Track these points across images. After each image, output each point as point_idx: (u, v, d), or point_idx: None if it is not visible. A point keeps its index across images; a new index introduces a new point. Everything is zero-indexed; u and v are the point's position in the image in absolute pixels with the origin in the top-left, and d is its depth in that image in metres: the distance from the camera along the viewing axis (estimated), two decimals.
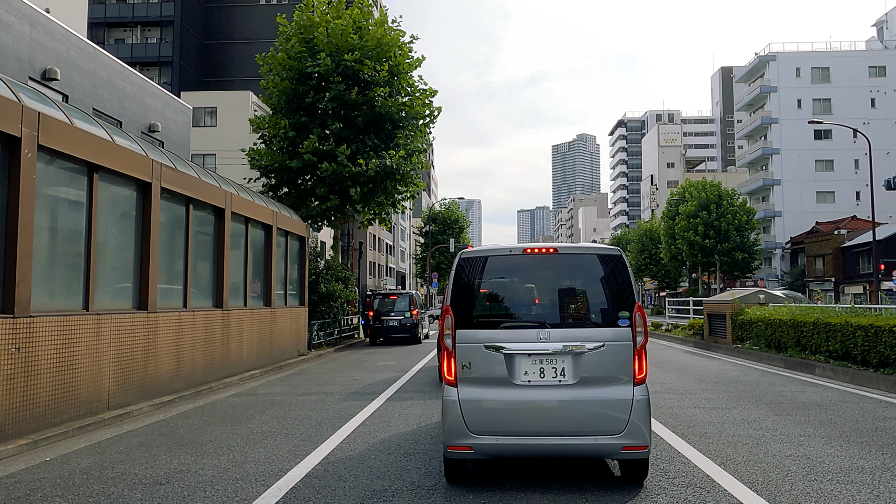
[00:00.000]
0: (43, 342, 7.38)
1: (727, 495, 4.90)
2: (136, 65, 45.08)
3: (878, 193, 42.13)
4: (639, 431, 4.82)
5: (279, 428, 7.77)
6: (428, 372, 13.72)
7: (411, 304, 23.39)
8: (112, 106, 19.59)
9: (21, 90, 7.53)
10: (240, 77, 52.20)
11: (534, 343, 4.93)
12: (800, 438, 6.86)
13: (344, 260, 29.66)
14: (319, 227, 25.36)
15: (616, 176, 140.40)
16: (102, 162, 8.61)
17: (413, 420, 8.13)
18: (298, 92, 21.01)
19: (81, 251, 8.43)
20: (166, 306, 10.43)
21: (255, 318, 14.17)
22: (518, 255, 5.32)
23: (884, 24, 70.99)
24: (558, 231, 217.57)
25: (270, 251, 15.33)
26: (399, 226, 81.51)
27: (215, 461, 6.16)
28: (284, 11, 28.38)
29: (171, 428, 7.91)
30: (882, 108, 59.73)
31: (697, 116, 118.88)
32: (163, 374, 10.02)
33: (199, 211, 11.87)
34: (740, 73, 69.71)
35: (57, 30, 17.20)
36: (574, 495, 4.93)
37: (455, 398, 4.96)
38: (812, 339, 13.55)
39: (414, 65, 21.94)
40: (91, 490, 5.27)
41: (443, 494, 4.99)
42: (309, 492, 5.13)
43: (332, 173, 20.08)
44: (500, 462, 5.85)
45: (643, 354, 4.98)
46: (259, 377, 13.22)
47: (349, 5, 22.12)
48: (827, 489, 5.05)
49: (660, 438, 6.83)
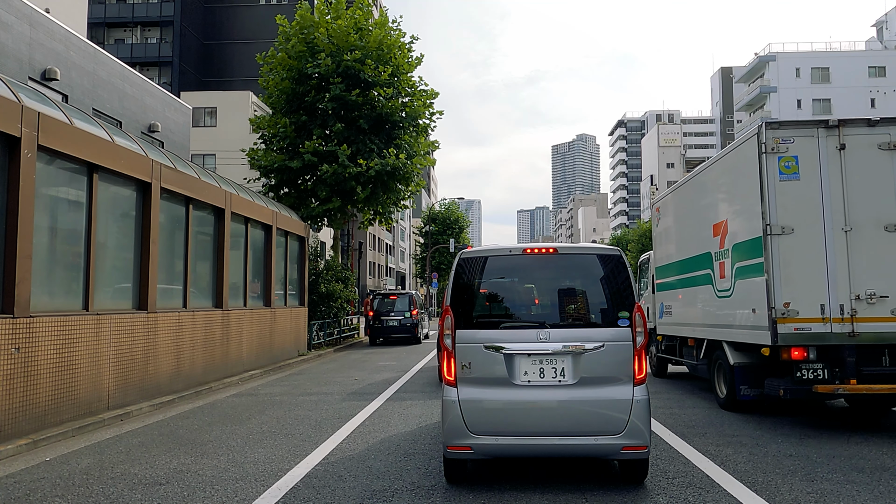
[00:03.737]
0: (43, 342, 7.38)
1: (727, 495, 4.90)
2: (136, 65, 45.11)
3: None
4: (638, 431, 4.82)
5: (279, 428, 7.77)
6: (428, 372, 13.73)
7: (411, 304, 23.40)
8: (112, 106, 19.59)
9: (21, 90, 7.53)
10: (240, 77, 52.21)
11: (534, 343, 4.93)
12: (800, 438, 6.86)
13: (344, 260, 29.68)
14: (319, 227, 25.37)
15: (616, 176, 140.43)
16: (102, 162, 8.61)
17: (413, 420, 8.13)
18: (298, 92, 21.01)
19: (81, 251, 8.43)
20: (166, 306, 10.43)
21: (254, 319, 14.17)
22: (518, 256, 5.32)
23: (883, 25, 70.99)
24: (558, 231, 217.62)
25: (270, 251, 15.33)
26: (399, 226, 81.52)
27: (215, 461, 6.16)
28: (284, 11, 28.39)
29: (171, 428, 7.91)
30: (882, 109, 59.72)
31: (697, 116, 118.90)
32: (162, 375, 10.02)
33: (199, 211, 11.87)
34: (740, 74, 69.74)
35: (57, 30, 17.20)
36: (574, 495, 4.93)
37: (455, 398, 4.96)
38: None
39: (414, 65, 21.96)
40: (91, 490, 5.27)
41: (443, 494, 4.99)
42: (309, 492, 5.13)
43: (333, 174, 20.08)
44: (500, 462, 5.85)
45: (643, 354, 4.98)
46: (259, 377, 13.22)
47: (349, 5, 22.12)
48: (827, 489, 5.05)
49: (660, 438, 6.84)
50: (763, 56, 63.35)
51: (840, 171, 7.31)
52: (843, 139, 7.36)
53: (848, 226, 7.24)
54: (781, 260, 7.30)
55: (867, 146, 7.32)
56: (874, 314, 7.11)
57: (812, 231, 7.26)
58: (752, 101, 65.25)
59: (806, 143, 7.42)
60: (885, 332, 7.09)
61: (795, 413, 8.38)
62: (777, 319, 7.22)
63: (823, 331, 7.16)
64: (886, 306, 7.11)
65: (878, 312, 7.12)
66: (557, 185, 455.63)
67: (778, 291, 7.27)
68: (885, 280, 7.14)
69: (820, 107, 60.37)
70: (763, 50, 64.70)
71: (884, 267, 7.17)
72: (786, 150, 7.39)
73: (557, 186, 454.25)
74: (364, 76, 20.57)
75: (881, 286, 7.12)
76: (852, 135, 7.39)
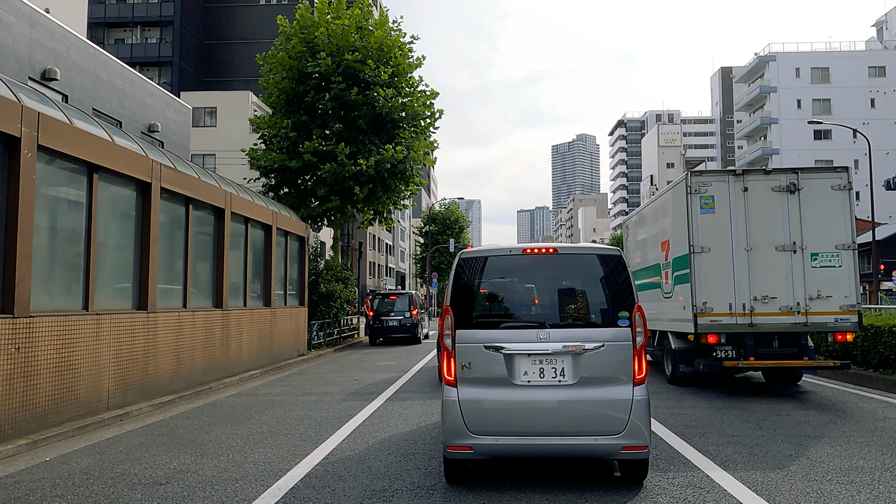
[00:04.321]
0: (42, 342, 7.38)
1: (727, 495, 4.90)
2: (136, 65, 45.08)
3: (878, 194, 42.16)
4: (638, 431, 4.82)
5: (279, 428, 7.77)
6: (428, 372, 13.73)
7: (411, 304, 23.40)
8: (112, 106, 19.59)
9: (21, 90, 7.53)
10: (240, 77, 52.22)
11: (533, 343, 4.93)
12: (800, 438, 6.86)
13: (344, 260, 29.67)
14: (319, 227, 25.35)
15: (616, 176, 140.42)
16: (102, 162, 8.61)
17: (413, 420, 8.13)
18: (298, 91, 21.01)
19: (81, 251, 8.43)
20: (166, 306, 10.43)
21: (254, 319, 14.17)
22: (518, 256, 5.32)
23: (883, 25, 71.00)
24: (558, 231, 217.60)
25: (270, 251, 15.33)
26: (399, 226, 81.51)
27: (215, 461, 6.16)
28: (284, 11, 28.40)
29: (171, 428, 7.91)
30: (882, 109, 59.75)
31: (697, 116, 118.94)
32: (162, 375, 10.02)
33: (199, 211, 11.87)
34: (740, 74, 69.73)
35: (57, 30, 17.20)
36: (574, 495, 4.93)
37: (455, 398, 4.96)
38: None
39: (414, 65, 21.97)
40: (91, 490, 5.27)
41: (442, 494, 4.99)
42: (309, 492, 5.13)
43: (333, 173, 20.08)
44: (500, 462, 5.84)
45: (643, 354, 4.98)
46: (259, 377, 13.22)
47: (350, 5, 22.12)
48: (827, 489, 5.05)
49: (660, 438, 6.84)
50: (763, 56, 63.35)
51: (744, 206, 9.88)
52: (746, 183, 9.97)
53: (749, 246, 9.80)
54: (701, 271, 9.82)
55: (764, 189, 9.95)
56: (767, 310, 9.72)
57: (723, 250, 9.80)
58: (752, 101, 65.25)
59: (720, 186, 10.03)
60: (774, 323, 9.73)
61: (796, 413, 8.38)
62: (697, 314, 9.74)
63: (730, 322, 9.65)
64: (775, 305, 9.72)
65: (770, 309, 9.72)
66: (557, 185, 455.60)
67: (698, 294, 9.78)
68: (775, 285, 9.73)
69: (820, 106, 60.36)
70: (763, 50, 64.71)
71: (774, 276, 9.74)
72: (705, 191, 10.05)
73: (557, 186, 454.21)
74: (364, 76, 20.57)
75: (772, 290, 9.73)
76: (753, 180, 9.99)
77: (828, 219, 9.76)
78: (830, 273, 9.68)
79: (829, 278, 9.66)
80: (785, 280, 9.71)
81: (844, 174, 9.89)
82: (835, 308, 9.63)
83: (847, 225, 9.79)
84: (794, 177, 9.91)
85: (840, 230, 9.76)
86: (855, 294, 9.63)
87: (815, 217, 9.76)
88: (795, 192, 9.84)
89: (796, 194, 9.83)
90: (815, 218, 9.75)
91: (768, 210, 9.84)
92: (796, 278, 9.69)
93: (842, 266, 9.70)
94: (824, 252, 9.73)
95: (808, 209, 9.78)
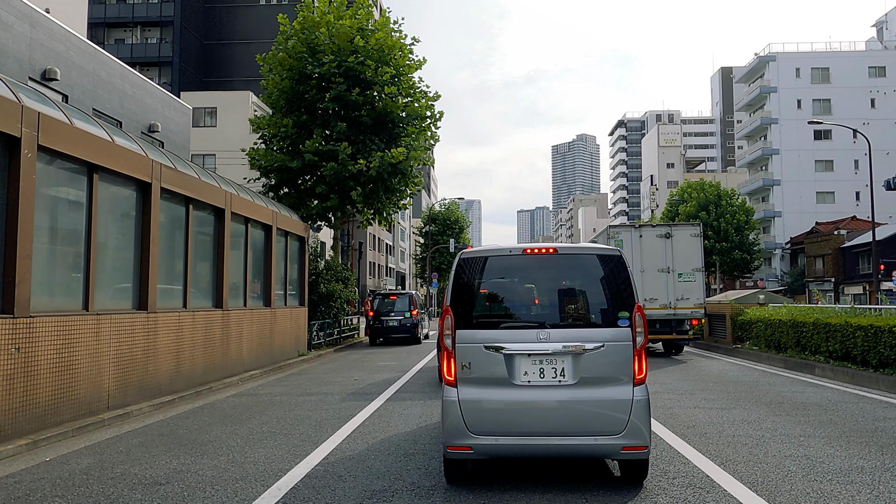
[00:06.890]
0: (43, 342, 7.38)
1: (727, 495, 4.90)
2: (136, 65, 45.11)
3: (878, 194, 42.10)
4: (638, 432, 4.82)
5: (279, 428, 7.77)
6: (428, 372, 13.73)
7: (411, 304, 23.39)
8: (112, 106, 19.60)
9: (21, 90, 7.53)
10: (240, 77, 52.25)
11: (533, 343, 4.93)
12: (800, 439, 6.87)
13: (344, 260, 29.68)
14: (319, 227, 25.38)
15: (616, 176, 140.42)
16: (102, 162, 8.61)
17: (413, 420, 8.13)
18: (298, 91, 21.00)
19: (81, 251, 8.43)
20: (166, 306, 10.43)
21: (254, 319, 14.17)
22: (518, 256, 5.32)
23: (883, 25, 71.02)
24: (558, 231, 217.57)
25: (270, 251, 15.33)
26: (399, 226, 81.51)
27: (215, 461, 6.16)
28: (285, 11, 28.39)
29: (171, 428, 7.91)
30: (882, 109, 59.74)
31: (697, 117, 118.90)
32: (162, 375, 10.02)
33: (199, 211, 11.87)
34: (740, 74, 69.72)
35: (57, 30, 17.20)
36: (574, 495, 4.93)
37: (455, 398, 4.96)
38: (811, 340, 13.56)
39: (415, 67, 21.97)
40: (91, 490, 5.27)
41: (443, 494, 4.99)
42: (309, 492, 5.13)
43: (334, 173, 20.08)
44: (500, 462, 5.85)
45: (643, 355, 4.98)
46: (259, 377, 13.22)
47: (350, 5, 22.12)
48: (827, 489, 5.05)
49: (660, 438, 6.84)
50: (763, 56, 63.33)
51: (640, 246, 16.77)
52: (641, 232, 17.03)
53: (643, 269, 16.47)
54: None
55: (651, 235, 16.95)
56: (653, 306, 16.20)
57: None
58: (753, 102, 65.24)
59: (626, 233, 17.02)
60: (657, 313, 16.27)
61: (796, 413, 8.38)
62: None
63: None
64: (657, 303, 16.39)
65: (654, 306, 16.30)
66: (557, 185, 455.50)
67: None
68: (657, 292, 16.46)
69: (820, 107, 60.34)
70: (763, 50, 64.69)
71: (657, 286, 16.49)
72: (617, 236, 16.99)
73: (557, 186, 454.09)
74: (365, 76, 20.57)
75: (655, 294, 16.45)
76: (645, 231, 17.10)
77: (688, 253, 16.66)
78: (688, 285, 16.55)
79: (687, 288, 16.54)
80: (664, 289, 16.50)
81: (699, 227, 17.04)
82: (691, 305, 16.55)
83: (699, 256, 16.64)
84: (668, 229, 16.94)
85: (695, 259, 16.65)
86: (703, 297, 16.80)
87: (680, 252, 16.63)
88: (669, 237, 16.75)
89: (670, 239, 16.74)
90: (680, 252, 16.63)
91: (654, 248, 16.76)
92: (669, 288, 16.50)
93: (695, 281, 16.58)
94: (685, 272, 16.58)
95: (677, 247, 16.66)
